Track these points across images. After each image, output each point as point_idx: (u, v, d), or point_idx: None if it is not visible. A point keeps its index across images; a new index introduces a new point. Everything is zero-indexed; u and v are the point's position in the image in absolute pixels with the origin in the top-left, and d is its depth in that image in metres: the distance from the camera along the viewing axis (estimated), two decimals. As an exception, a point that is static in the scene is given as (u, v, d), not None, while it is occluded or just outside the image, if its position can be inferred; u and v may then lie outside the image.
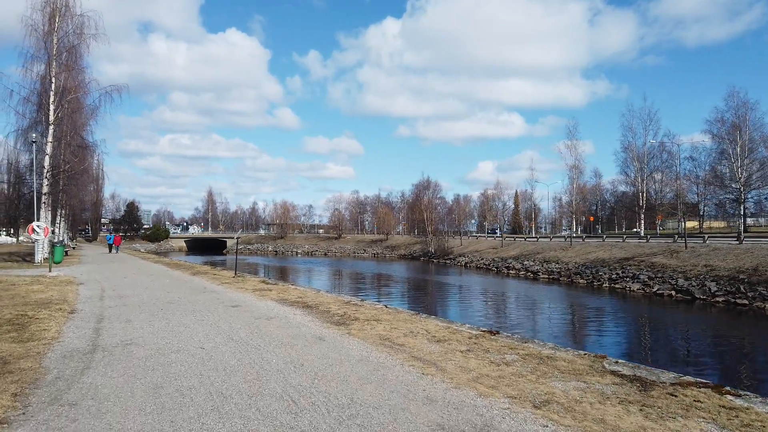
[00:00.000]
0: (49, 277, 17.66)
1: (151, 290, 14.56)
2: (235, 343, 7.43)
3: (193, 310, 10.64)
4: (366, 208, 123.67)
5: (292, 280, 35.53)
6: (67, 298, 11.88)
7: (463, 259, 60.77)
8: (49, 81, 27.53)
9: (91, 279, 17.71)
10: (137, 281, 17.41)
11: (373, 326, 8.88)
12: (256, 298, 12.87)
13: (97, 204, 75.38)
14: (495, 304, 27.13)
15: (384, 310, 10.93)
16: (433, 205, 72.89)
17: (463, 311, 23.24)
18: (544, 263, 45.60)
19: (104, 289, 14.47)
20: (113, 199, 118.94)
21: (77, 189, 44.32)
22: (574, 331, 18.84)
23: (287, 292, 14.23)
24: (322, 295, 14.12)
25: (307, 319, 9.77)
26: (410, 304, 24.61)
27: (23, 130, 27.99)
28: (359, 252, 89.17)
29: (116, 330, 8.33)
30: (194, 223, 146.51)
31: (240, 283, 16.94)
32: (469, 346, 7.34)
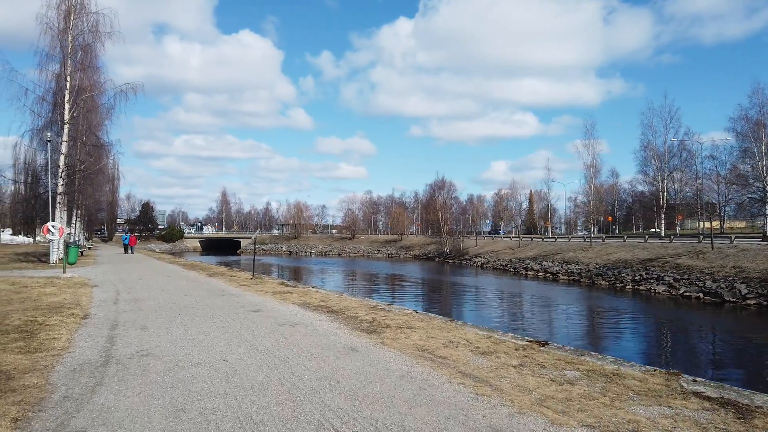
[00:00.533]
0: (63, 278, 17.15)
1: (167, 293, 13.96)
2: (261, 355, 6.74)
3: (212, 316, 9.99)
4: (379, 209, 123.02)
5: (310, 282, 34.94)
6: (80, 302, 11.29)
7: (480, 259, 59.85)
8: (64, 79, 27.13)
9: (106, 281, 17.17)
10: (153, 283, 16.84)
11: (408, 335, 8.15)
12: (277, 302, 12.19)
13: (113, 204, 75.42)
14: (522, 307, 26.23)
15: (415, 315, 10.20)
16: (448, 205, 71.98)
17: (491, 316, 22.30)
18: (563, 264, 44.61)
19: (119, 292, 13.89)
20: (129, 200, 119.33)
21: (93, 189, 44.11)
22: (615, 338, 17.85)
23: (309, 295, 13.55)
24: (346, 298, 13.42)
25: (334, 325, 9.06)
26: (435, 308, 23.85)
27: (38, 129, 27.64)
28: (373, 252, 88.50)
29: (131, 338, 7.69)
30: (208, 223, 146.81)
31: (259, 285, 16.30)
32: (520, 359, 6.58)
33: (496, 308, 25.10)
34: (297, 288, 15.68)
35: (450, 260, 66.30)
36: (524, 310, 25.04)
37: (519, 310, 24.66)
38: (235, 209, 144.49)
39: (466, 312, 23.11)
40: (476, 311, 23.81)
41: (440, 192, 73.66)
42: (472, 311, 23.77)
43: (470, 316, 21.37)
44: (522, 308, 25.53)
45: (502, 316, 22.40)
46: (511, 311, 24.29)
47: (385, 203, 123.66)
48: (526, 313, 23.98)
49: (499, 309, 24.82)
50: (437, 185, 75.07)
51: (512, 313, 23.73)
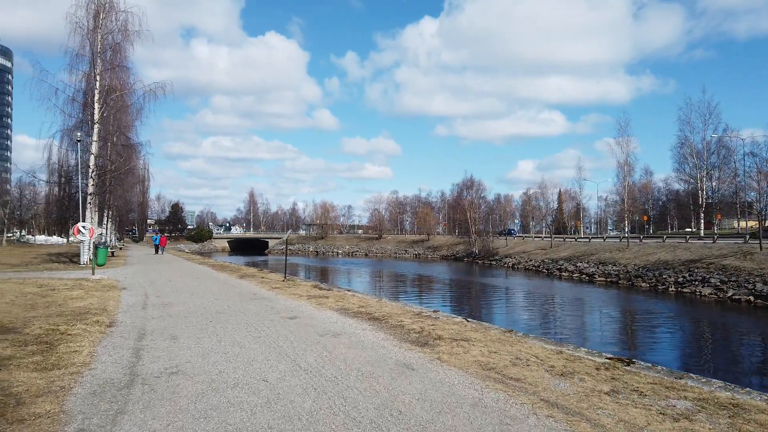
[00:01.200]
0: (91, 280, 16.63)
1: (197, 296, 13.24)
2: (305, 374, 5.86)
3: (246, 323, 9.17)
4: (405, 208, 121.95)
5: (339, 283, 34.17)
6: (106, 307, 10.60)
7: (510, 260, 58.37)
8: (94, 79, 26.85)
9: (135, 283, 16.58)
10: (183, 285, 16.19)
11: (466, 348, 7.19)
12: (313, 307, 11.35)
13: (143, 205, 76.07)
14: (566, 311, 24.83)
15: (467, 325, 9.22)
16: (477, 204, 70.54)
17: (538, 322, 20.81)
18: (599, 265, 43.01)
19: (147, 295, 13.23)
20: (158, 200, 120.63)
21: (123, 190, 44.17)
22: (683, 349, 16.41)
23: (345, 300, 12.68)
24: (386, 303, 12.50)
25: (379, 336, 8.15)
26: (476, 312, 22.80)
27: (69, 129, 27.43)
28: (400, 253, 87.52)
29: (159, 351, 6.89)
30: (236, 223, 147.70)
31: (291, 287, 15.50)
32: (609, 383, 5.56)
33: (541, 313, 23.80)
34: (332, 291, 14.83)
35: (479, 261, 64.90)
36: (570, 314, 23.74)
37: (565, 315, 23.35)
38: (262, 210, 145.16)
39: (509, 317, 21.90)
40: (520, 317, 22.51)
41: (469, 191, 72.34)
42: (515, 317, 22.51)
43: (517, 322, 20.12)
44: (567, 312, 24.23)
45: (550, 322, 21.11)
46: (557, 316, 22.99)
47: (411, 203, 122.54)
48: (572, 318, 22.68)
49: (544, 314, 23.51)
50: (465, 184, 73.79)
51: (559, 318, 22.44)
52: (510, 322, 19.04)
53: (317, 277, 43.72)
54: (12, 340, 7.11)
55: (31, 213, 76.57)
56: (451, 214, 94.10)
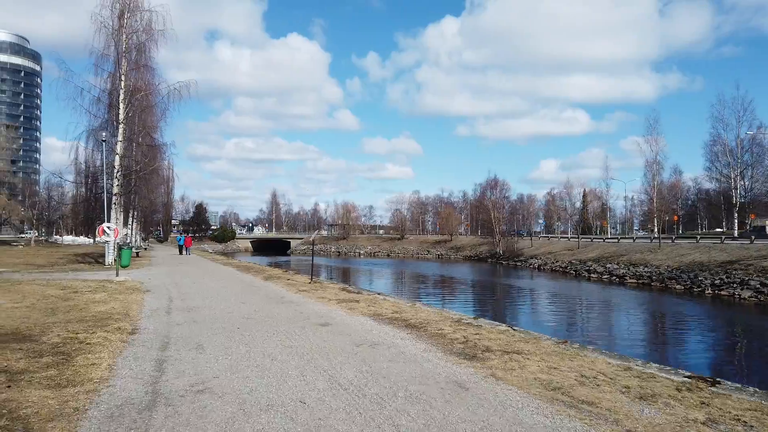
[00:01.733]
0: (115, 282, 16.22)
1: (223, 300, 12.68)
2: (346, 393, 5.17)
3: (276, 331, 8.54)
4: (427, 209, 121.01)
5: (366, 285, 33.51)
6: (129, 312, 10.07)
7: (536, 261, 57.14)
8: (119, 79, 26.66)
9: (159, 285, 16.12)
10: (208, 288, 15.68)
11: (520, 363, 6.43)
12: (344, 313, 10.68)
13: (168, 205, 76.36)
14: (605, 315, 23.65)
15: (514, 334, 8.45)
16: (501, 204, 69.31)
17: (581, 327, 19.75)
18: (630, 266, 41.69)
19: (172, 299, 12.70)
20: (183, 201, 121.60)
21: (148, 190, 44.15)
22: (757, 363, 15.41)
23: (377, 304, 11.99)
24: (421, 308, 11.78)
25: (421, 347, 7.44)
26: (512, 318, 21.90)
27: (94, 130, 27.26)
28: (422, 253, 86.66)
29: (184, 363, 6.27)
30: (259, 224, 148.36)
31: (319, 291, 14.87)
32: (702, 409, 4.76)
33: (582, 318, 22.60)
34: (362, 295, 14.15)
35: (503, 262, 63.74)
36: (612, 319, 22.59)
37: (608, 320, 22.12)
38: (284, 210, 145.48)
39: (550, 323, 20.75)
40: (562, 322, 21.25)
41: (493, 191, 71.13)
42: (557, 322, 21.31)
43: (560, 329, 19.01)
44: (609, 317, 23.06)
45: (595, 328, 19.82)
46: (600, 322, 21.75)
47: (433, 203, 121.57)
48: (617, 323, 21.51)
49: (586, 319, 22.31)
50: (489, 184, 72.58)
51: (603, 323, 21.18)
52: (553, 329, 18.07)
53: (341, 278, 43.20)
54: (27, 350, 6.56)
55: (59, 214, 77.63)
56: (474, 214, 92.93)
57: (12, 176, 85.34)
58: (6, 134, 78.44)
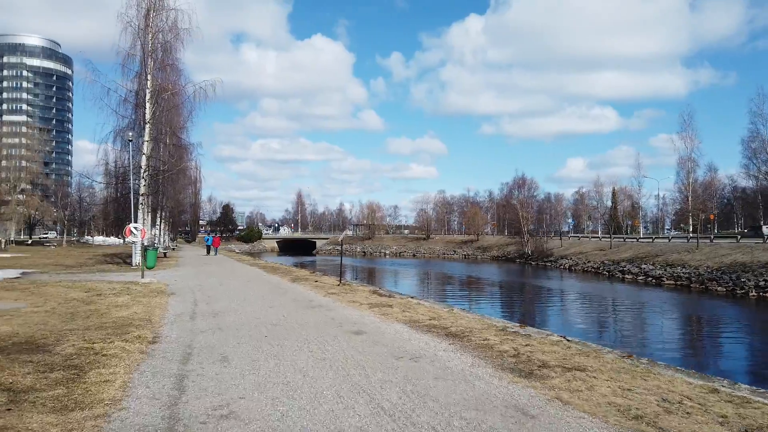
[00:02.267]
0: (140, 284, 15.78)
1: (249, 303, 12.06)
2: (391, 421, 4.42)
3: (306, 339, 7.84)
4: (452, 208, 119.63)
5: (393, 285, 32.78)
6: (152, 317, 9.50)
7: (566, 261, 55.65)
8: (145, 78, 26.42)
9: (185, 287, 15.62)
10: (234, 290, 15.12)
11: (587, 383, 5.59)
12: (378, 319, 9.94)
13: (196, 206, 76.92)
14: (655, 320, 22.23)
15: (569, 346, 7.59)
16: (529, 203, 67.80)
17: (632, 335, 18.33)
18: (667, 267, 40.07)
19: (197, 302, 12.13)
20: (210, 202, 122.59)
21: (175, 191, 44.18)
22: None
23: (412, 309, 11.22)
24: (458, 314, 10.97)
25: (467, 361, 6.65)
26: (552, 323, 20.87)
27: (121, 130, 27.10)
28: (449, 253, 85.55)
29: (207, 380, 5.60)
30: (284, 224, 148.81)
31: (349, 293, 14.17)
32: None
33: (631, 324, 21.20)
34: (394, 299, 13.39)
35: (532, 262, 62.34)
36: (658, 324, 21.33)
37: (658, 327, 20.70)
38: (309, 210, 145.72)
39: (594, 329, 19.43)
40: (609, 329, 19.95)
41: (521, 189, 69.65)
42: (604, 329, 20.00)
43: (608, 336, 17.81)
44: (658, 323, 21.68)
45: (648, 337, 18.42)
46: (647, 327, 20.42)
47: (459, 203, 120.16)
48: (670, 330, 20.22)
49: (635, 325, 20.92)
50: (517, 183, 71.11)
51: (654, 331, 19.79)
52: (604, 337, 16.96)
53: (368, 279, 42.55)
54: (37, 363, 5.98)
55: (90, 215, 78.81)
56: (501, 214, 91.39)
57: (45, 178, 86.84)
58: (39, 137, 79.71)
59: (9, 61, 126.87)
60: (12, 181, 66.71)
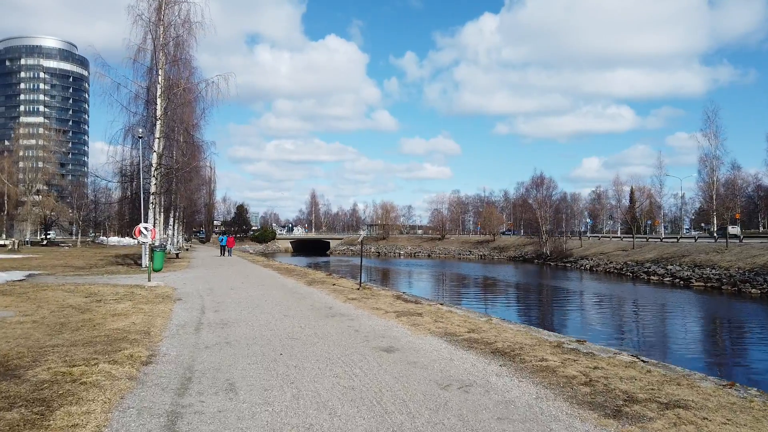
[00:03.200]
0: (146, 288, 14.64)
1: (262, 311, 10.82)
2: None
3: (329, 359, 6.56)
4: (467, 208, 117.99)
5: (416, 289, 31.40)
6: (151, 329, 8.27)
7: (587, 262, 53.87)
8: (156, 73, 25.40)
9: (193, 292, 14.42)
10: (246, 295, 13.90)
11: (700, 429, 4.24)
12: (408, 331, 8.63)
13: (210, 206, 76.23)
14: (700, 327, 20.63)
15: (650, 369, 6.20)
16: (547, 203, 65.98)
17: (689, 346, 16.49)
18: (694, 268, 38.27)
19: (204, 310, 10.91)
20: (224, 202, 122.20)
21: (189, 191, 43.26)
22: None
23: (445, 318, 9.89)
24: (500, 325, 9.61)
25: (531, 391, 5.31)
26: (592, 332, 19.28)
27: (132, 126, 26.11)
28: (464, 254, 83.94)
29: (206, 422, 4.32)
30: (298, 224, 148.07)
31: (371, 299, 12.86)
32: None
33: (677, 332, 19.45)
34: (421, 305, 12.05)
35: (551, 263, 60.59)
36: (708, 331, 19.68)
37: (708, 336, 19.01)
38: (323, 210, 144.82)
39: (643, 339, 17.67)
40: (657, 337, 18.11)
41: (538, 189, 67.86)
42: (652, 336, 18.28)
43: (659, 346, 16.17)
44: (705, 330, 20.04)
45: (705, 348, 16.84)
46: (703, 338, 18.58)
47: (473, 202, 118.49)
48: (719, 338, 18.57)
49: (681, 333, 19.18)
50: (535, 182, 69.28)
51: (710, 341, 18.15)
52: (659, 350, 15.29)
53: (385, 280, 41.27)
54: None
55: (106, 215, 78.40)
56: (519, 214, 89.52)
57: (61, 179, 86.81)
58: (56, 138, 79.57)
59: (26, 63, 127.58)
60: (28, 182, 66.37)
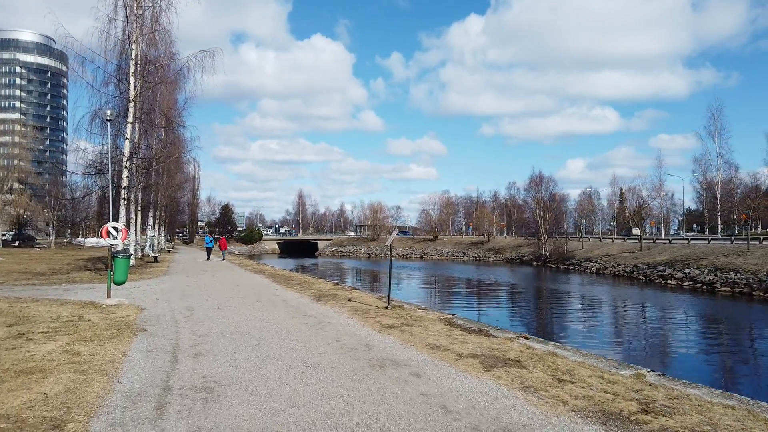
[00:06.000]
0: (103, 307, 10.66)
1: (269, 355, 6.92)
2: None
3: None
4: (458, 209, 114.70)
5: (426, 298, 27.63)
6: (71, 414, 4.37)
7: (592, 264, 50.60)
8: (129, 47, 21.31)
9: (166, 314, 10.44)
10: (240, 320, 9.97)
11: None
12: (534, 407, 4.84)
13: (194, 205, 71.74)
14: (746, 343, 17.44)
15: None
16: (548, 202, 62.68)
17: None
18: (716, 272, 35.08)
19: (178, 353, 6.97)
20: (209, 203, 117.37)
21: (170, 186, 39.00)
22: None
23: (565, 371, 6.12)
24: (676, 389, 5.87)
25: None
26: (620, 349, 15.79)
27: (99, 108, 21.91)
28: (458, 255, 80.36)
29: None
30: (284, 225, 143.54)
31: (415, 325, 9.01)
32: None
33: (744, 350, 16.23)
34: (500, 340, 8.12)
35: (551, 265, 57.28)
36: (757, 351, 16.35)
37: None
38: (310, 211, 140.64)
39: (717, 367, 14.52)
40: (727, 360, 15.01)
41: (538, 188, 64.56)
42: (725, 364, 15.03)
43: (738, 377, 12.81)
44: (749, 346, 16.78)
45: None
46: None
47: (463, 203, 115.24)
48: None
49: (750, 353, 15.96)
50: (534, 181, 65.95)
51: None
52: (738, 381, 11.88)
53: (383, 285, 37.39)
54: None
55: (83, 215, 73.35)
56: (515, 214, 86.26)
57: (37, 177, 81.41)
58: (31, 134, 74.37)
59: (1, 56, 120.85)
60: (0, 180, 61.36)
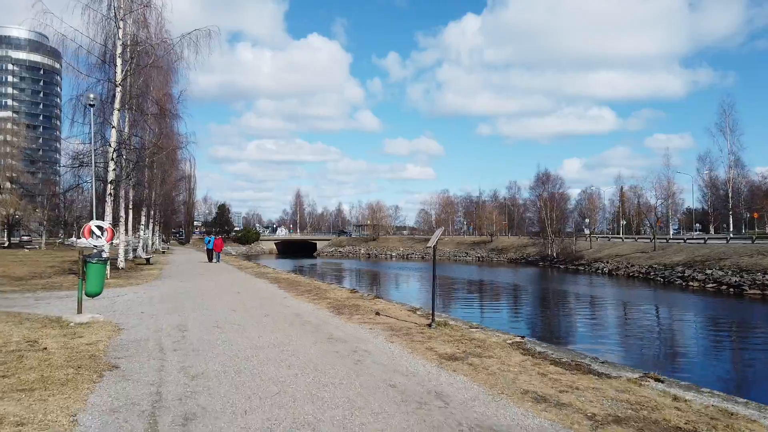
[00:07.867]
0: (70, 326, 8.30)
1: (289, 402, 4.61)
2: None
3: None
4: (457, 208, 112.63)
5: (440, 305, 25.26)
6: None
7: (603, 265, 48.42)
8: (116, 25, 18.93)
9: (150, 337, 8.05)
10: (248, 347, 7.62)
11: None
12: None
13: (190, 205, 69.07)
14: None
15: None
16: (555, 201, 60.47)
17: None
18: (742, 273, 32.95)
19: (159, 408, 4.63)
20: (205, 202, 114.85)
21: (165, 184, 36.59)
22: None
23: None
24: None
25: None
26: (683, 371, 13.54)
27: (82, 94, 19.50)
28: (460, 255, 78.10)
29: None
30: (282, 225, 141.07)
31: (483, 355, 6.70)
32: None
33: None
34: (608, 379, 5.96)
35: (559, 265, 55.09)
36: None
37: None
38: (308, 211, 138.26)
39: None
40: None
41: (545, 186, 62.36)
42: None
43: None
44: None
45: None
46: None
47: (462, 203, 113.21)
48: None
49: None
50: (540, 179, 63.73)
51: None
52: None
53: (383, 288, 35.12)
54: None
55: (76, 215, 70.75)
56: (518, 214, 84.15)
57: (30, 176, 78.69)
58: (22, 132, 71.62)
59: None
60: (-12, 180, 58.73)
